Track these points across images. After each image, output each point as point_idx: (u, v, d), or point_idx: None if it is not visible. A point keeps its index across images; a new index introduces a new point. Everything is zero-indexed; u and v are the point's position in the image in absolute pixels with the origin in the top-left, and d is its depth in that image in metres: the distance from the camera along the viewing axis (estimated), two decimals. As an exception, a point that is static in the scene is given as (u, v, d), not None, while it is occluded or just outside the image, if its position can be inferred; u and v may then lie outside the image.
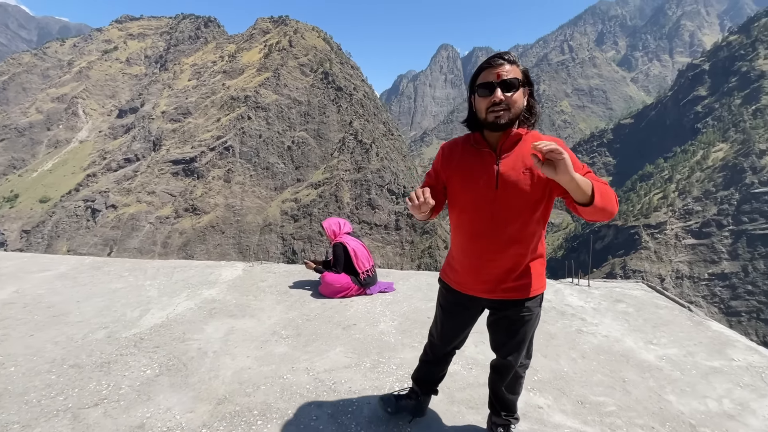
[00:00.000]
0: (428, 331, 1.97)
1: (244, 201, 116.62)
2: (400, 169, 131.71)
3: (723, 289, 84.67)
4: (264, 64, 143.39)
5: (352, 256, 3.60)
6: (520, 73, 1.42)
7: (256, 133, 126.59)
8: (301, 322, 3.10)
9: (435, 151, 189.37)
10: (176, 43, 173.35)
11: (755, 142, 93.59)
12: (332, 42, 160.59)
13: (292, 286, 3.90)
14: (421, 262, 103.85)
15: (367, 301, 3.57)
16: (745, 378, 2.48)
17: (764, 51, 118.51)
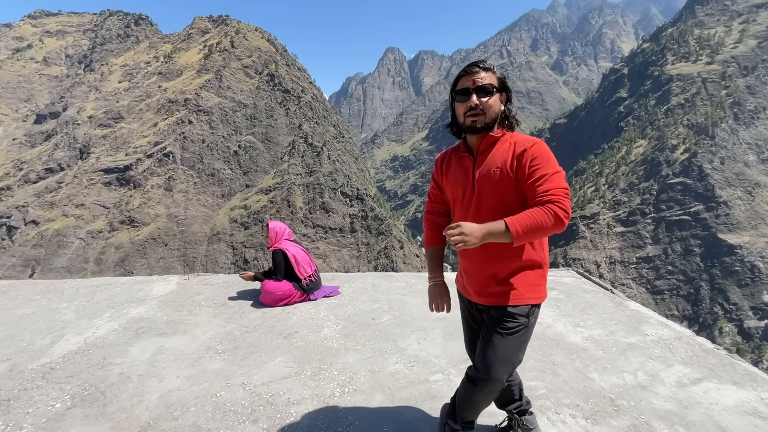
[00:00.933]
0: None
1: (188, 210, 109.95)
2: (352, 172, 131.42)
3: (648, 271, 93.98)
4: (204, 65, 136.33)
5: (293, 262, 3.50)
6: (495, 80, 1.51)
7: (199, 138, 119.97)
8: (239, 335, 2.96)
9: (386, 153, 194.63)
10: (103, 41, 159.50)
11: (668, 139, 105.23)
12: (277, 43, 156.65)
13: (232, 297, 3.72)
14: (377, 264, 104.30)
15: (311, 307, 3.49)
16: (656, 351, 2.74)
17: (672, 57, 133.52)
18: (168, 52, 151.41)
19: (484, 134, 1.53)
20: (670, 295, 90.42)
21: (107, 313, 3.32)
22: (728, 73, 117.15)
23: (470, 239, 1.26)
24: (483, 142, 1.54)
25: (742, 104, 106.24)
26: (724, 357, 2.66)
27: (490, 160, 1.51)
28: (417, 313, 3.38)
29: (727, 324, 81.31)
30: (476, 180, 1.53)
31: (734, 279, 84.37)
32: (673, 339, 2.91)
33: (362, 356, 2.65)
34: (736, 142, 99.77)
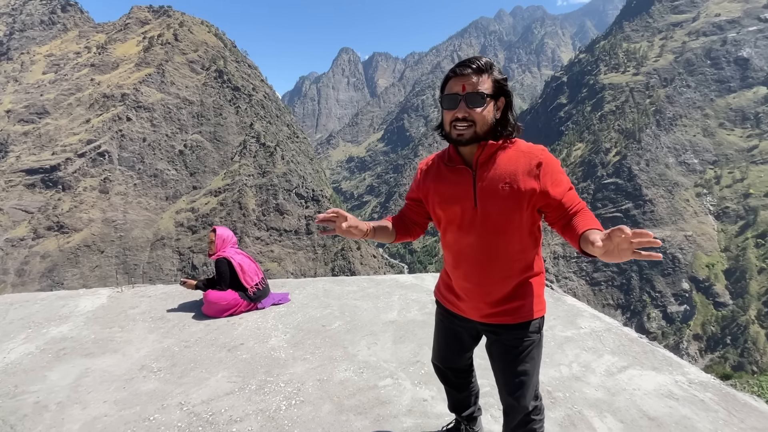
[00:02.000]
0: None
1: (127, 214, 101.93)
2: (307, 172, 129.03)
3: (587, 265, 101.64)
4: (144, 58, 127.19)
5: (238, 270, 3.34)
6: (490, 84, 1.27)
7: (139, 137, 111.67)
8: (177, 350, 2.77)
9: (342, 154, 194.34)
10: (23, 27, 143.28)
11: (602, 142, 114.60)
12: (225, 38, 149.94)
13: (172, 309, 3.48)
14: (334, 265, 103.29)
15: (258, 317, 3.35)
16: (589, 342, 2.95)
17: (604, 68, 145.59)
18: (102, 42, 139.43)
19: (483, 143, 1.31)
20: (606, 285, 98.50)
21: (22, 334, 2.97)
22: (651, 83, 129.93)
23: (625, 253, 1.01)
24: (484, 152, 1.32)
25: (663, 112, 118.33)
26: (646, 345, 2.93)
27: (496, 174, 1.30)
28: (368, 317, 3.37)
29: (653, 310, 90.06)
30: (479, 197, 1.32)
31: (659, 269, 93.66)
32: (604, 330, 3.16)
33: (311, 365, 2.60)
34: (658, 146, 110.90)
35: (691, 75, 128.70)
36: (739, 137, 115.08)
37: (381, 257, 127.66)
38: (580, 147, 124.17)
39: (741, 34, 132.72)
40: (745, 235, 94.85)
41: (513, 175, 1.28)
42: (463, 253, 1.41)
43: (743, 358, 74.15)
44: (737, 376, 22.37)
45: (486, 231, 1.32)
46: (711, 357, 78.39)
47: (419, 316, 3.39)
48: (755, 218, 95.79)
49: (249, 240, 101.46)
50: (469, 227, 1.35)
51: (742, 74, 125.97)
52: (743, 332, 78.02)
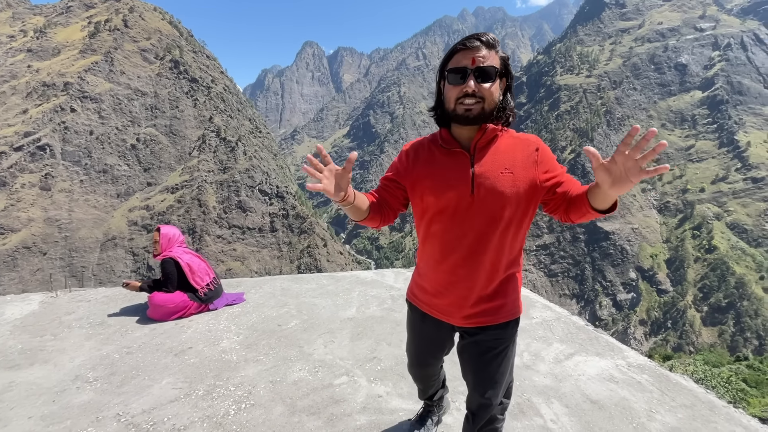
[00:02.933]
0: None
1: (73, 212, 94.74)
2: (271, 168, 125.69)
3: (545, 257, 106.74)
4: (90, 45, 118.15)
5: (187, 271, 3.16)
6: (498, 61, 1.19)
7: (85, 129, 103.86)
8: (117, 357, 2.58)
9: (307, 149, 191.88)
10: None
11: (559, 140, 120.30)
12: (181, 27, 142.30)
13: (114, 314, 3.24)
14: (300, 263, 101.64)
15: (209, 318, 3.20)
16: (540, 332, 3.07)
17: (560, 69, 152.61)
18: (40, 26, 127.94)
19: (483, 126, 1.22)
20: (563, 276, 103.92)
21: (-67, 348, 2.65)
22: (602, 85, 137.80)
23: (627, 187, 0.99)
24: (484, 135, 1.22)
25: (613, 113, 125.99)
26: (591, 332, 3.09)
27: (496, 160, 1.22)
28: (326, 315, 3.32)
29: (605, 298, 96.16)
30: (477, 183, 1.21)
31: (609, 260, 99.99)
32: (554, 320, 3.29)
33: (264, 367, 2.51)
34: (609, 144, 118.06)
35: (637, 78, 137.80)
36: (678, 137, 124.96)
37: (348, 254, 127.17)
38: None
39: (680, 41, 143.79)
40: (684, 227, 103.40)
41: (513, 161, 1.21)
42: (451, 244, 1.29)
43: (682, 340, 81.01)
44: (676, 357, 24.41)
45: (481, 220, 1.22)
46: (655, 340, 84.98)
47: (378, 312, 3.38)
48: (692, 212, 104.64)
49: (210, 238, 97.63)
50: (464, 216, 1.24)
51: (681, 79, 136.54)
52: (682, 316, 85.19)
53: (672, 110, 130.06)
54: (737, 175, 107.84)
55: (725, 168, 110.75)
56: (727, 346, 73.56)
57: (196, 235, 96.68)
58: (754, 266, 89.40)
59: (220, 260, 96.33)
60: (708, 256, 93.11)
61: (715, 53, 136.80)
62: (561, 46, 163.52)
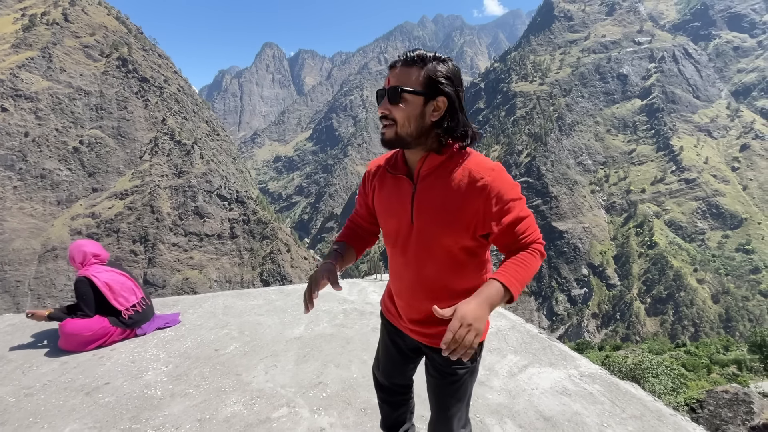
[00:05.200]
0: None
1: (6, 222, 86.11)
2: (230, 172, 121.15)
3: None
4: (24, 39, 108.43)
5: (104, 290, 2.77)
6: (420, 79, 1.04)
7: (20, 131, 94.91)
8: (14, 401, 2.18)
9: (268, 153, 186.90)
10: None
11: (515, 145, 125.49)
12: (129, 23, 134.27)
13: (18, 346, 2.79)
14: (263, 269, 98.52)
15: (135, 346, 2.83)
16: (494, 342, 2.99)
17: (515, 77, 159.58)
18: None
19: (425, 154, 1.12)
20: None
21: None
22: (554, 93, 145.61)
23: (480, 327, 0.93)
24: (425, 163, 1.13)
25: (564, 118, 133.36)
26: (545, 340, 3.05)
27: (436, 191, 1.12)
28: (271, 335, 3.06)
29: (560, 294, 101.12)
30: (415, 213, 1.15)
31: (564, 258, 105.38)
32: (508, 329, 3.24)
33: (192, 402, 2.21)
34: (561, 148, 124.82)
35: (584, 87, 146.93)
36: (622, 142, 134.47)
37: (313, 259, 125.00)
38: (497, 149, 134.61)
39: (621, 53, 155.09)
40: (628, 226, 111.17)
41: (456, 192, 1.09)
42: (396, 271, 1.28)
43: (629, 331, 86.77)
44: (625, 347, 25.94)
45: (420, 251, 1.17)
46: (605, 332, 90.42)
47: (328, 329, 3.17)
48: (635, 211, 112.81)
49: (164, 247, 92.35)
50: (404, 245, 1.20)
51: (623, 88, 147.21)
52: (629, 308, 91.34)
53: (616, 117, 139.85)
54: (672, 177, 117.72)
55: (662, 170, 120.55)
56: (668, 334, 79.80)
57: (148, 244, 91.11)
58: (688, 260, 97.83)
59: (176, 269, 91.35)
60: (650, 252, 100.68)
61: (652, 65, 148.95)
62: (516, 55, 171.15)
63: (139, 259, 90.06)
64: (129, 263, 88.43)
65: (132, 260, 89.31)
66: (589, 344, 29.84)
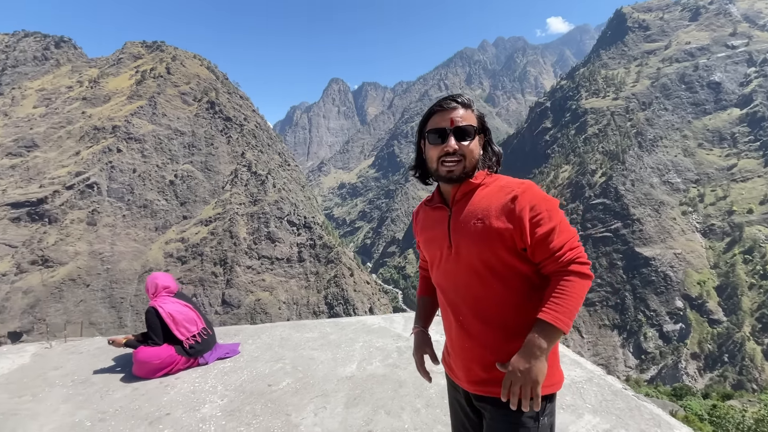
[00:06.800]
0: None
1: (115, 246, 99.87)
2: (299, 200, 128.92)
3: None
4: (136, 91, 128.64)
5: (168, 321, 2.95)
6: (474, 119, 1.23)
7: (129, 168, 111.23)
8: (89, 426, 2.35)
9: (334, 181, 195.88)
10: (15, 63, 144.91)
11: (588, 164, 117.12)
12: (217, 71, 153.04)
13: (101, 370, 3.06)
14: (327, 293, 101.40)
15: (197, 376, 2.95)
16: (567, 398, 2.60)
17: (585, 93, 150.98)
18: (94, 76, 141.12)
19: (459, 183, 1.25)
20: (601, 306, 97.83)
21: None
22: (630, 107, 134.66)
23: (535, 378, 0.97)
24: (461, 189, 1.24)
25: (644, 134, 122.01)
26: (631, 399, 2.59)
27: (469, 210, 1.19)
28: (323, 372, 2.99)
29: (649, 329, 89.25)
30: (452, 234, 1.21)
31: (652, 288, 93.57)
32: (585, 381, 2.82)
33: (242, 442, 2.20)
34: (642, 166, 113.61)
35: (667, 99, 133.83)
36: (718, 156, 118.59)
37: (375, 283, 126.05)
38: (567, 169, 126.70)
39: (711, 60, 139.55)
40: (733, 252, 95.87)
41: (486, 210, 1.16)
42: (448, 300, 1.27)
43: (742, 376, 73.10)
44: (737, 396, 21.72)
45: (461, 276, 1.19)
46: (710, 376, 77.14)
47: (380, 369, 3.02)
48: (741, 234, 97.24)
49: (240, 269, 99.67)
50: (448, 270, 1.23)
51: (715, 97, 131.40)
52: (740, 349, 77.33)
53: (709, 129, 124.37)
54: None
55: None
56: (798, 384, 65.60)
57: (227, 266, 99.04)
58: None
59: (249, 290, 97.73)
60: (764, 283, 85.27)
61: (751, 69, 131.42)
62: (585, 71, 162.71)
63: (219, 281, 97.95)
64: (210, 284, 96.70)
65: (212, 281, 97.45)
66: (690, 390, 25.50)
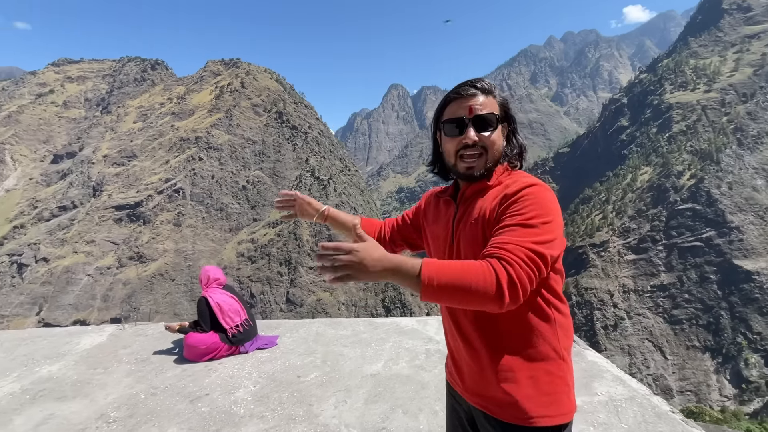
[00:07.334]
0: None
1: (196, 245, 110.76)
2: (359, 204, 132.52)
3: (665, 300, 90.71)
4: (215, 105, 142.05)
5: (216, 310, 3.26)
6: (497, 106, 1.07)
7: (208, 174, 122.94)
8: (142, 398, 2.69)
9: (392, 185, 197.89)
10: (120, 85, 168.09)
11: (673, 165, 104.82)
12: (285, 83, 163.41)
13: (159, 351, 3.46)
14: (385, 296, 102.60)
15: (237, 362, 3.21)
16: (601, 415, 2.40)
17: (669, 86, 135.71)
18: (181, 93, 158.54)
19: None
20: (689, 324, 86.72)
21: (16, 372, 3.09)
22: (727, 100, 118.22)
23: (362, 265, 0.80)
24: (471, 186, 1.11)
25: (745, 130, 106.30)
26: (677, 424, 2.31)
27: (472, 209, 1.07)
28: (349, 368, 3.09)
29: (752, 355, 77.15)
30: (455, 234, 1.10)
31: (755, 307, 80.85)
32: (625, 399, 2.57)
33: (264, 426, 2.36)
34: (742, 167, 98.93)
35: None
36: None
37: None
38: (647, 171, 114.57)
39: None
40: None
41: (484, 209, 1.03)
42: (444, 313, 1.18)
43: None
44: None
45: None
46: (837, 418, 64.34)
47: (405, 370, 3.04)
48: None
49: (303, 270, 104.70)
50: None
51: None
52: None
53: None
54: None
55: None
56: None
57: (291, 266, 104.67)
58: None
59: (311, 290, 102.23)
60: None
61: None
62: (669, 62, 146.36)
63: (284, 280, 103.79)
64: (276, 283, 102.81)
65: (278, 280, 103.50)
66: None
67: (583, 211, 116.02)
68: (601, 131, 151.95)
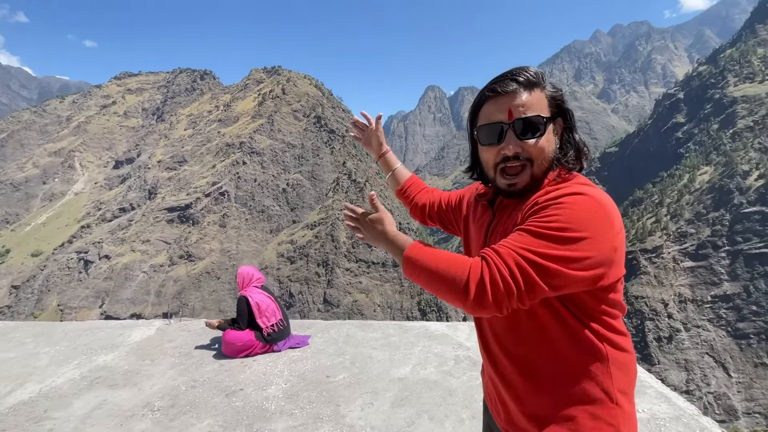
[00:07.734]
0: None
1: (239, 245, 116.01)
2: (395, 206, 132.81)
3: (728, 311, 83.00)
4: (258, 111, 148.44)
5: (255, 309, 3.41)
6: (545, 102, 0.88)
7: (251, 177, 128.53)
8: (183, 390, 2.87)
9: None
10: (173, 95, 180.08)
11: (738, 164, 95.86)
12: (323, 88, 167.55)
13: (201, 346, 3.68)
14: (420, 299, 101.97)
15: (270, 360, 3.34)
16: (641, 435, 2.25)
17: (733, 79, 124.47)
18: (227, 101, 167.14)
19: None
20: (758, 340, 78.81)
21: (77, 360, 3.40)
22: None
23: (366, 231, 0.90)
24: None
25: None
26: (730, 449, 2.12)
27: (508, 218, 0.93)
28: (377, 371, 3.11)
29: (836, 378, 68.75)
30: (487, 243, 0.98)
31: (839, 323, 72.07)
32: (669, 419, 2.40)
33: (293, 423, 2.44)
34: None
35: None
36: None
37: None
38: (707, 171, 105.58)
39: None
40: None
41: (514, 222, 0.89)
42: (477, 324, 1.05)
43: None
44: None
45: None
46: None
47: (433, 375, 3.01)
48: None
49: (340, 271, 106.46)
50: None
51: None
52: None
53: None
54: None
55: None
56: None
57: (328, 267, 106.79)
58: None
59: (347, 291, 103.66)
60: None
61: None
62: (733, 52, 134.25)
63: (321, 280, 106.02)
64: (314, 283, 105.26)
65: (316, 281, 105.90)
66: None
67: (633, 215, 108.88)
68: (653, 129, 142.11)
